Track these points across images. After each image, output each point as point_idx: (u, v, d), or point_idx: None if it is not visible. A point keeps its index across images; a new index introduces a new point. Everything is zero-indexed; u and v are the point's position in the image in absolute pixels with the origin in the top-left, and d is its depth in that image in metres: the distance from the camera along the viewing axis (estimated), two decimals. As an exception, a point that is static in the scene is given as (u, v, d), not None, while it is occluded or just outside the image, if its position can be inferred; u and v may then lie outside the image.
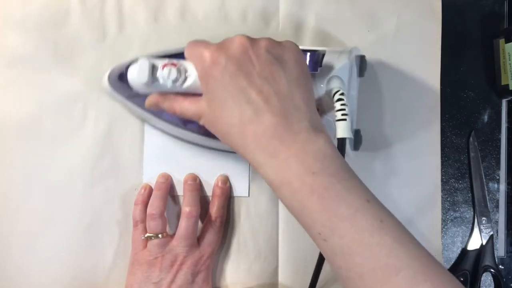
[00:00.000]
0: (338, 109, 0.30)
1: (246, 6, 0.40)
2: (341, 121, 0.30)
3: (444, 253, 0.42)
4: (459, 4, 0.43)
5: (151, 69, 0.29)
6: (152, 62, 0.30)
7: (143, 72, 0.29)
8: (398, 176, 0.40)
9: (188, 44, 0.29)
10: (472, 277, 0.41)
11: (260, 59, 0.26)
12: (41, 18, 0.39)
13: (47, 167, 0.38)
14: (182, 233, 0.35)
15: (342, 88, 0.31)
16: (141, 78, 0.29)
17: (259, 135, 0.25)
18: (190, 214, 0.35)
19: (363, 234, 0.24)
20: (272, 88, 0.26)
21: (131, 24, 0.39)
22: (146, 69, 0.29)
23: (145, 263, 0.35)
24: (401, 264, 0.23)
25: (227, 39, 0.27)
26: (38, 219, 0.38)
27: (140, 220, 0.37)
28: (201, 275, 0.36)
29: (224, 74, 0.26)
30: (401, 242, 0.24)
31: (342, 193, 0.24)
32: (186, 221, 0.35)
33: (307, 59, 0.32)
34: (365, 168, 0.40)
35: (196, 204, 0.37)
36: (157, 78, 0.29)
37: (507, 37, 0.40)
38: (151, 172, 0.39)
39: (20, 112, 0.38)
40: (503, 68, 0.41)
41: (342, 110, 0.30)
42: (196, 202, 0.37)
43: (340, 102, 0.30)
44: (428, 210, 0.40)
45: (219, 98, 0.26)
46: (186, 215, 0.35)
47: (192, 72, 0.29)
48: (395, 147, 0.40)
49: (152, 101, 0.31)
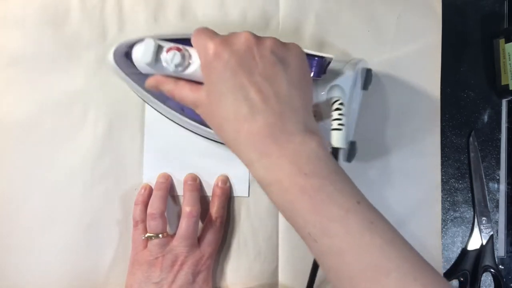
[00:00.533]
0: (335, 118, 0.30)
1: (246, 6, 0.40)
2: (336, 131, 0.30)
3: (444, 253, 0.42)
4: (459, 4, 0.42)
5: (155, 50, 0.29)
6: (158, 43, 0.29)
7: (147, 52, 0.29)
8: (399, 176, 0.40)
9: (195, 31, 0.28)
10: (472, 277, 0.41)
11: (264, 58, 0.26)
12: (41, 18, 0.39)
13: (47, 167, 0.38)
14: (182, 233, 0.35)
15: (342, 98, 0.31)
16: (145, 58, 0.29)
17: (253, 133, 0.25)
18: (190, 214, 0.35)
19: (353, 235, 0.24)
20: (272, 88, 0.26)
21: (131, 24, 0.39)
22: (151, 50, 0.29)
23: (145, 263, 0.35)
24: (391, 265, 0.23)
25: (233, 34, 0.27)
26: (38, 219, 0.38)
27: (141, 220, 0.37)
28: (202, 275, 0.36)
29: (225, 69, 0.26)
30: (392, 244, 0.24)
31: (333, 194, 0.24)
32: (187, 221, 0.35)
33: (313, 64, 0.32)
34: (366, 167, 0.40)
35: (196, 204, 0.37)
36: (160, 60, 0.29)
37: (507, 37, 0.40)
38: (151, 172, 0.39)
39: (20, 112, 0.38)
40: (503, 68, 0.41)
41: (339, 120, 0.30)
42: (196, 202, 0.37)
43: (338, 112, 0.30)
44: (428, 210, 0.40)
45: (218, 91, 0.26)
46: (186, 215, 0.35)
47: (196, 60, 0.29)
48: (395, 146, 0.40)
49: (152, 83, 0.31)
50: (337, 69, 0.32)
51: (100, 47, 0.39)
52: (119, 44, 0.34)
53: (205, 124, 0.29)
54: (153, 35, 0.31)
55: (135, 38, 0.33)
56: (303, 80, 0.28)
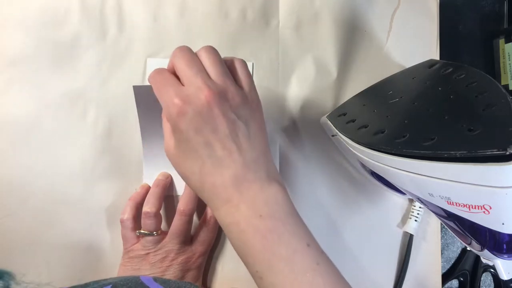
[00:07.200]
0: None
1: (246, 5, 0.40)
2: None
3: (444, 253, 0.42)
4: (459, 4, 0.43)
5: None
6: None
7: None
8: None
9: (156, 75, 0.28)
10: (472, 277, 0.41)
11: (226, 117, 0.27)
12: (41, 18, 0.39)
13: (47, 167, 0.38)
14: (174, 231, 0.36)
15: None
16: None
17: (217, 185, 0.27)
18: (183, 212, 0.36)
19: (296, 274, 0.25)
20: (234, 143, 0.27)
21: (131, 24, 0.39)
22: None
23: (136, 257, 0.36)
24: None
25: (196, 89, 0.26)
26: (38, 219, 0.38)
27: (127, 218, 0.36)
28: (192, 272, 0.36)
29: (189, 128, 0.26)
30: (332, 285, 0.25)
31: (284, 235, 0.26)
32: (179, 219, 0.36)
33: None
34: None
35: (191, 202, 0.37)
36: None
37: (507, 37, 0.40)
38: (151, 172, 0.39)
39: (20, 112, 0.38)
40: (503, 68, 0.41)
41: None
42: (192, 200, 0.37)
43: None
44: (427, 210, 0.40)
45: (183, 148, 0.28)
46: (180, 213, 0.36)
47: None
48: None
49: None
50: None
51: (100, 47, 0.39)
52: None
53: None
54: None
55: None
56: (261, 134, 0.29)
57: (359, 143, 0.30)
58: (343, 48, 0.41)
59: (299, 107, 0.41)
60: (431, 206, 0.28)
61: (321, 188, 0.41)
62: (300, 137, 0.41)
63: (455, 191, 0.23)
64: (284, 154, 0.40)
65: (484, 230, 0.25)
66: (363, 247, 0.41)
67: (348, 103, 0.39)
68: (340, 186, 0.41)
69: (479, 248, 0.27)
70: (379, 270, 0.41)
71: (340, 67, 0.41)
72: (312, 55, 0.41)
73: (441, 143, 0.23)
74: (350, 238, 0.40)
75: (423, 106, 0.29)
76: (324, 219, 0.40)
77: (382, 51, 0.42)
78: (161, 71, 0.28)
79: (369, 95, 0.38)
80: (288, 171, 0.40)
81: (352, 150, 0.32)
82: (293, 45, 0.41)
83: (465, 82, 0.28)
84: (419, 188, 0.26)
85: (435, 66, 0.34)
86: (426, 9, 0.42)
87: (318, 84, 0.41)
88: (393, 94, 0.34)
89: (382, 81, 0.39)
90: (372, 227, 0.41)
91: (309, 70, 0.41)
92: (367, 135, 0.30)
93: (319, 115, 0.39)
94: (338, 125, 0.35)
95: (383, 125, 0.29)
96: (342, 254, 0.40)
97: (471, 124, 0.23)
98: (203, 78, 0.27)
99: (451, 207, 0.25)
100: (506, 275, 0.29)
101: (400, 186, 0.30)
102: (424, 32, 0.42)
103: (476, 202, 0.23)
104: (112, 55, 0.39)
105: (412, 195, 0.30)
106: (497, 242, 0.25)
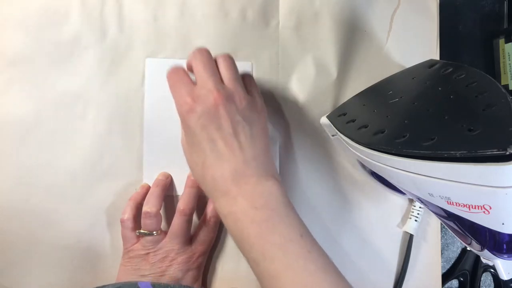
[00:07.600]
0: None
1: (246, 5, 0.40)
2: None
3: (444, 253, 0.42)
4: (459, 4, 0.43)
5: None
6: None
7: None
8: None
9: (173, 73, 0.32)
10: (472, 277, 0.41)
11: (230, 117, 0.30)
12: (41, 18, 0.39)
13: (47, 167, 0.38)
14: (174, 231, 0.36)
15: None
16: None
17: (217, 178, 0.30)
18: (183, 212, 0.36)
19: (289, 260, 0.27)
20: (237, 141, 0.30)
21: (131, 24, 0.39)
22: None
23: (136, 257, 0.36)
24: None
25: (207, 91, 0.30)
26: (38, 219, 0.38)
27: (127, 218, 0.36)
28: (191, 272, 0.36)
29: (197, 124, 0.30)
30: (324, 271, 0.27)
31: (279, 225, 0.28)
32: (179, 219, 0.36)
33: None
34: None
35: (191, 202, 0.37)
36: None
37: (507, 37, 0.40)
38: (151, 172, 0.39)
39: (20, 112, 0.38)
40: (503, 68, 0.41)
41: None
42: (192, 200, 0.37)
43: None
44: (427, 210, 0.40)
45: (191, 141, 0.31)
46: (179, 213, 0.36)
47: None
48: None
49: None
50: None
51: (100, 47, 0.39)
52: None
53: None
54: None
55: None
56: (263, 135, 0.32)
57: (359, 143, 0.30)
58: (343, 48, 0.41)
59: (299, 107, 0.41)
60: (431, 206, 0.28)
61: (321, 188, 0.41)
62: (300, 137, 0.41)
63: (455, 191, 0.23)
64: (284, 154, 0.41)
65: (484, 230, 0.25)
66: (363, 247, 0.41)
67: (348, 103, 0.39)
68: (340, 186, 0.41)
69: (479, 248, 0.27)
70: (379, 270, 0.41)
71: (340, 67, 0.41)
72: (312, 55, 0.41)
73: (441, 143, 0.23)
74: (350, 238, 0.40)
75: (423, 106, 0.29)
76: (324, 219, 0.40)
77: (382, 51, 0.42)
78: (177, 71, 0.32)
79: (369, 95, 0.38)
80: (288, 171, 0.40)
81: (352, 150, 0.32)
82: (293, 45, 0.41)
83: (465, 82, 0.28)
84: (419, 188, 0.26)
85: (435, 66, 0.34)
86: (426, 9, 0.42)
87: (318, 84, 0.41)
88: (393, 94, 0.34)
89: (382, 81, 0.39)
90: (372, 227, 0.41)
91: (309, 70, 0.41)
92: (367, 135, 0.30)
93: (319, 115, 0.39)
94: (338, 125, 0.35)
95: (383, 125, 0.29)
96: (342, 254, 0.40)
97: (471, 124, 0.23)
98: (215, 81, 0.30)
99: (451, 207, 0.25)
100: (506, 275, 0.29)
101: (400, 186, 0.30)
102: (424, 32, 0.42)
103: (476, 202, 0.23)
104: (112, 55, 0.39)
105: (412, 195, 0.30)
106: (497, 242, 0.25)
